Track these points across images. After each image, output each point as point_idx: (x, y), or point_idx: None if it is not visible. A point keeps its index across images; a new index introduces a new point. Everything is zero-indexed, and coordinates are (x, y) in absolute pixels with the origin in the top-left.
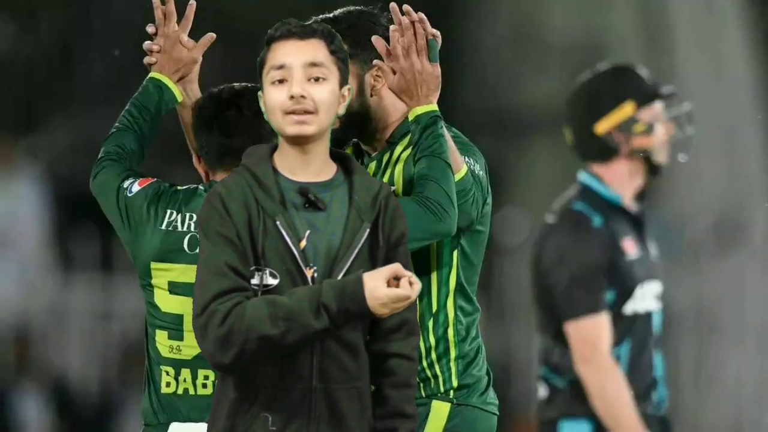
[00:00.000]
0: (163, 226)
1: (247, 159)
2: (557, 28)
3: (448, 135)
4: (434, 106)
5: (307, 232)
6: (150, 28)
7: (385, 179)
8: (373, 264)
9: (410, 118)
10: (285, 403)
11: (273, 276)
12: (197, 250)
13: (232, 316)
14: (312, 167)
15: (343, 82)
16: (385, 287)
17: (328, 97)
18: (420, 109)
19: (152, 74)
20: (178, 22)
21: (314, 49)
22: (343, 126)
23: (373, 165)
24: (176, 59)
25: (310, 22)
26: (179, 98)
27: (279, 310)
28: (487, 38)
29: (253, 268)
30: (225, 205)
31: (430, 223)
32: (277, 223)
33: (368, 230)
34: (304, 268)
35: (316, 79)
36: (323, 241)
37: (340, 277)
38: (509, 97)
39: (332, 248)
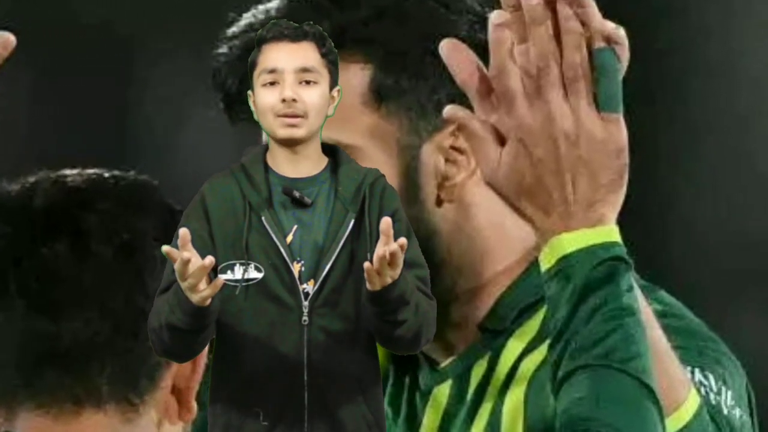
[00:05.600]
0: None
1: (243, 158)
2: None
3: (648, 310)
4: (611, 232)
5: (294, 227)
6: None
7: (479, 430)
8: (363, 253)
9: (545, 263)
10: (277, 398)
11: (258, 269)
12: None
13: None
14: (301, 166)
15: (333, 84)
16: None
17: (319, 101)
18: (571, 240)
19: None
20: None
21: (306, 53)
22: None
23: (445, 390)
24: None
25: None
26: None
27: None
28: (754, 54)
29: (235, 262)
30: (204, 201)
31: None
32: (263, 219)
33: (353, 221)
34: (290, 262)
35: (308, 82)
36: (309, 235)
37: (326, 270)
38: None
39: (318, 242)
